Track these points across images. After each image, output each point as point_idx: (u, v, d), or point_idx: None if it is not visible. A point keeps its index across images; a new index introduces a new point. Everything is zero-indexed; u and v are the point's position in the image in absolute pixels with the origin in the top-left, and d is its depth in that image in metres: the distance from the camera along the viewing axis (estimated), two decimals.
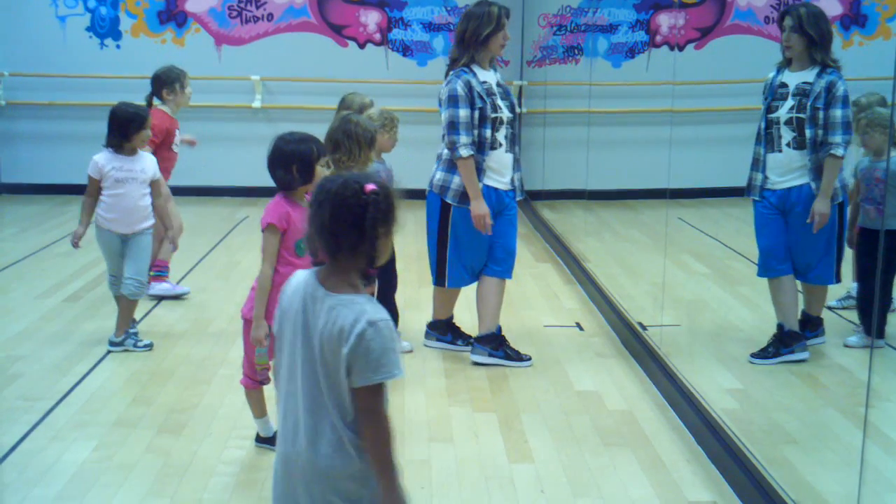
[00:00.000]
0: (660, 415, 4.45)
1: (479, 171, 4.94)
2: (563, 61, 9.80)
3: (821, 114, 4.79)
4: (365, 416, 2.19)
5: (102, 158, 5.19)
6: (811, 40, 4.85)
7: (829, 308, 5.57)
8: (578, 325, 5.84)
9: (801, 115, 4.83)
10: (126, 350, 5.20)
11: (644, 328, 5.30)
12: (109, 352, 5.18)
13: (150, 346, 5.25)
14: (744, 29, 9.89)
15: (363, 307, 2.18)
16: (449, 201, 4.99)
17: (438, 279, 5.17)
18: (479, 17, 4.91)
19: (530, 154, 10.11)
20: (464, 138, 4.85)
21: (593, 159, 8.18)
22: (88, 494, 3.59)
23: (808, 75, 4.88)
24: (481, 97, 4.91)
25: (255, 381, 3.95)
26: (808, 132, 4.82)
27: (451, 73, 4.99)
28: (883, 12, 9.92)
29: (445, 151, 4.99)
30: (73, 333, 5.50)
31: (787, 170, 4.92)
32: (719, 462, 3.87)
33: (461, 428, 4.28)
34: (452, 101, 4.88)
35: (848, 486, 3.37)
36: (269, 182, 3.86)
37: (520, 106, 10.12)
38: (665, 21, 10.03)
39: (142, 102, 5.77)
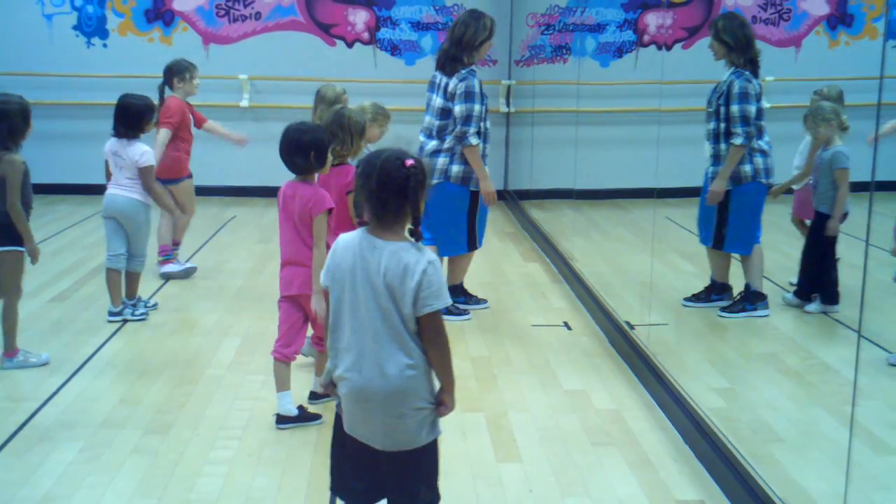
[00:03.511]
0: (647, 413, 4.46)
1: (483, 156, 5.65)
2: (551, 61, 9.81)
3: (722, 109, 5.47)
4: (432, 336, 2.71)
5: (145, 145, 5.60)
6: (728, 46, 5.51)
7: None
8: (566, 325, 5.85)
9: (710, 111, 5.57)
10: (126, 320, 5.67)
11: (632, 327, 5.31)
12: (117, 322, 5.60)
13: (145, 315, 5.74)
14: None
15: (420, 249, 2.70)
16: (473, 189, 5.67)
17: (471, 245, 5.85)
18: (478, 27, 5.56)
19: (518, 153, 10.13)
20: (473, 129, 5.53)
21: (581, 159, 8.20)
22: (75, 495, 3.58)
23: (725, 75, 5.55)
24: (485, 94, 5.61)
25: (284, 354, 4.24)
26: (712, 125, 5.57)
27: (464, 70, 5.56)
28: (869, 12, 9.97)
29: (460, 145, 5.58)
30: (59, 333, 5.48)
31: (708, 157, 5.67)
32: (706, 460, 3.88)
33: (449, 427, 4.24)
34: (470, 96, 5.51)
35: (835, 484, 3.38)
36: (256, 182, 3.88)
37: (508, 105, 10.19)
38: (653, 20, 10.05)
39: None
